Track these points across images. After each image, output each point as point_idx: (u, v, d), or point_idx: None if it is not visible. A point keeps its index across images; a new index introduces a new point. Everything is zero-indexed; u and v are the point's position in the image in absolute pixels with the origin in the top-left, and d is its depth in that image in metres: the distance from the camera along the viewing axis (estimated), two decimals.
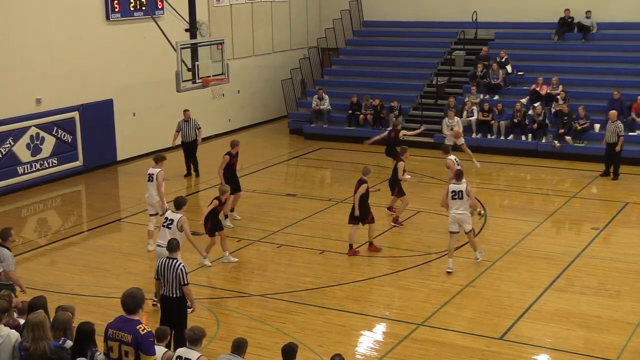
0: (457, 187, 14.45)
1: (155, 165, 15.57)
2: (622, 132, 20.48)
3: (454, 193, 14.43)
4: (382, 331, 12.48)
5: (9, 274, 11.51)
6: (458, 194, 14.41)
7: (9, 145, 19.85)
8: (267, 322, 12.47)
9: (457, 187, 14.45)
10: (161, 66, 22.62)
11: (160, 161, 15.61)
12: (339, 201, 18.97)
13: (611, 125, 20.57)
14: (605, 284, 13.92)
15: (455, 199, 14.42)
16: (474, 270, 14.51)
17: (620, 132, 20.42)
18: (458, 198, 14.40)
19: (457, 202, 14.41)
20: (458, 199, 14.40)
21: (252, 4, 27.59)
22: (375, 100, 25.37)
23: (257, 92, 28.24)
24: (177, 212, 12.83)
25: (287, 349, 8.71)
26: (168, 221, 12.79)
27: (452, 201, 14.45)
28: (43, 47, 20.54)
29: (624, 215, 17.94)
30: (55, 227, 17.76)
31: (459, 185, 14.46)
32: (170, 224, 12.73)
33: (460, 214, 14.42)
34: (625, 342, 11.63)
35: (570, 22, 26.72)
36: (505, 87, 25.40)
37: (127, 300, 7.85)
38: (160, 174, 15.41)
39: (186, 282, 10.72)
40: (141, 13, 22.70)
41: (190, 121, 21.24)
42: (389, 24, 29.71)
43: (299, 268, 14.86)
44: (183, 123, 21.26)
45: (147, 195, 15.63)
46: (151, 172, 15.50)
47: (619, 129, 20.45)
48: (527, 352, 11.47)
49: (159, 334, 8.88)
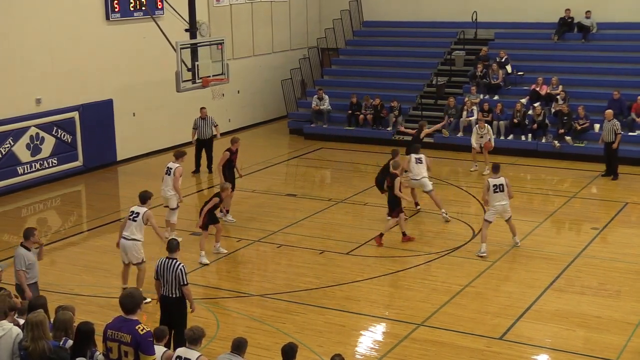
0: (497, 180, 15.08)
1: (175, 160, 16.14)
2: (619, 130, 20.49)
3: (495, 187, 15.04)
4: (382, 331, 12.48)
5: (16, 274, 11.52)
6: (499, 187, 15.04)
7: (8, 145, 19.85)
8: (267, 322, 12.47)
9: (497, 180, 15.08)
10: (161, 66, 22.62)
11: (181, 157, 16.25)
12: (338, 201, 18.97)
13: (608, 124, 20.58)
14: (605, 284, 13.92)
15: (497, 192, 15.04)
16: (474, 270, 14.50)
17: (617, 130, 20.44)
18: (500, 191, 15.03)
19: (498, 195, 15.05)
20: (500, 191, 15.02)
21: (252, 4, 27.59)
22: (376, 100, 25.37)
23: (257, 92, 28.24)
24: (142, 206, 13.16)
25: (287, 349, 8.70)
26: (134, 214, 13.12)
27: (493, 195, 15.06)
28: (43, 47, 20.54)
29: (624, 215, 17.94)
30: (55, 227, 17.76)
31: (498, 179, 15.08)
32: (136, 217, 13.05)
33: (503, 204, 15.11)
34: (625, 342, 11.63)
35: (570, 22, 26.72)
36: (505, 87, 25.40)
37: (126, 300, 7.85)
38: (179, 169, 15.99)
39: (186, 283, 10.73)
40: (141, 13, 22.71)
41: (207, 119, 21.49)
42: (388, 24, 29.71)
43: (299, 268, 14.86)
44: (200, 120, 21.43)
45: (162, 188, 16.12)
46: (170, 166, 16.04)
47: (616, 127, 20.47)
48: (527, 352, 11.47)
49: (158, 333, 8.89)
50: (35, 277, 11.69)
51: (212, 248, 15.49)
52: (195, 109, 22.10)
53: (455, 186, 20.29)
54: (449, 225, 17.07)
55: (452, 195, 19.50)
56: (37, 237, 11.73)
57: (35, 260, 11.70)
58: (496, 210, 15.16)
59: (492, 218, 15.26)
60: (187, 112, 23.50)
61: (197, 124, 21.47)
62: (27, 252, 11.56)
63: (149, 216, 13.03)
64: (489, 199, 15.16)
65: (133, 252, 13.04)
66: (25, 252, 11.54)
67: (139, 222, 13.02)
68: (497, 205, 15.10)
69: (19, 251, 11.56)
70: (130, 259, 13.12)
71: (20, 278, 11.43)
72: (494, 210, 15.20)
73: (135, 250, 13.03)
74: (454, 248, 15.66)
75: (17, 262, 11.51)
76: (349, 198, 19.20)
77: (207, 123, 21.46)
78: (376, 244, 15.74)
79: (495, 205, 15.12)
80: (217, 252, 15.47)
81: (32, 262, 11.58)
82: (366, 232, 16.63)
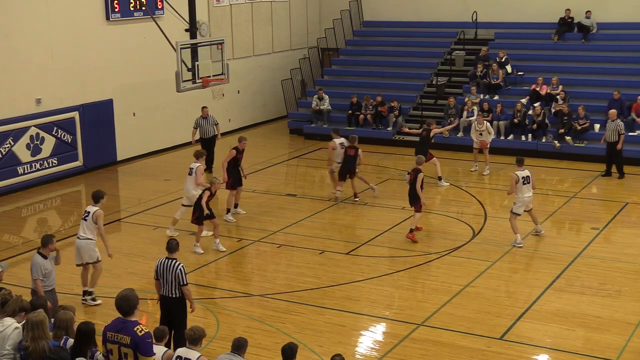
0: (523, 173, 15.46)
1: (196, 160, 16.54)
2: (622, 131, 20.50)
3: (524, 179, 15.39)
4: (382, 331, 12.48)
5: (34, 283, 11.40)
6: (526, 179, 15.46)
7: (9, 145, 19.85)
8: (267, 322, 12.47)
9: (523, 173, 15.46)
10: (161, 66, 22.62)
11: (201, 157, 16.69)
12: (339, 201, 18.96)
13: (611, 124, 20.58)
14: (606, 284, 13.91)
15: (525, 184, 15.44)
16: (474, 270, 14.50)
17: (621, 131, 20.45)
18: (527, 183, 15.48)
19: (525, 186, 15.43)
20: (527, 183, 15.47)
21: (252, 4, 27.59)
22: (377, 98, 25.34)
23: (257, 92, 28.24)
24: (94, 206, 13.25)
25: (287, 349, 8.70)
26: (85, 213, 13.24)
27: (522, 187, 15.40)
28: (43, 47, 20.54)
29: (624, 215, 17.93)
30: (55, 227, 17.74)
31: (524, 171, 15.47)
32: (87, 217, 13.14)
33: (529, 196, 15.54)
34: (626, 342, 11.63)
35: (570, 22, 26.71)
36: (505, 87, 25.39)
37: (121, 303, 7.84)
38: (200, 168, 16.41)
39: (185, 283, 10.73)
40: (141, 13, 22.70)
41: (209, 118, 21.55)
42: (389, 24, 29.71)
43: (299, 268, 14.86)
44: (201, 120, 21.50)
45: (185, 187, 16.64)
46: (192, 166, 16.48)
47: (620, 127, 20.47)
48: (527, 352, 11.46)
49: (158, 333, 8.89)
50: (52, 284, 11.56)
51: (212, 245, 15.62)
52: (196, 109, 22.11)
53: (455, 186, 20.27)
54: (449, 225, 17.08)
55: (452, 195, 19.51)
56: (55, 246, 11.55)
57: (53, 268, 11.54)
58: (524, 202, 15.55)
59: (520, 211, 15.61)
60: (188, 112, 23.51)
61: (198, 123, 21.50)
62: (43, 260, 11.41)
63: (98, 215, 13.05)
64: (516, 192, 15.47)
65: (87, 251, 13.05)
66: (41, 260, 11.39)
67: (88, 221, 13.06)
68: (525, 197, 15.49)
69: (35, 259, 11.42)
70: (84, 259, 13.09)
71: (38, 287, 11.30)
72: (521, 203, 15.55)
73: (89, 249, 13.06)
74: (454, 248, 15.66)
75: (34, 270, 11.36)
76: (349, 198, 19.18)
77: (209, 122, 21.50)
78: (412, 241, 15.84)
79: (523, 198, 15.49)
80: (216, 249, 15.59)
81: (49, 270, 11.43)
82: (366, 232, 16.64)
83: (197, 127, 21.54)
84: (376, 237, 16.10)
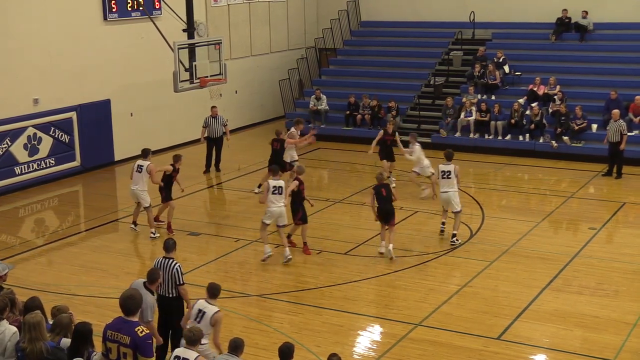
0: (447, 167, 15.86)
1: (144, 158, 16.50)
2: (625, 131, 20.51)
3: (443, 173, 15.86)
4: (379, 331, 12.48)
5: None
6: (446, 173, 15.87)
7: (6, 146, 19.83)
8: (264, 322, 12.47)
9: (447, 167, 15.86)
10: (159, 66, 22.60)
11: (147, 156, 16.57)
12: (336, 201, 18.97)
13: (614, 124, 20.60)
14: (603, 284, 13.92)
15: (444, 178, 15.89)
16: (471, 270, 14.51)
17: (623, 131, 20.46)
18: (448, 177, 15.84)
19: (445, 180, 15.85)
20: (447, 178, 15.83)
21: (250, 4, 27.58)
22: (373, 101, 25.35)
23: (254, 93, 28.23)
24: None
25: (284, 349, 8.69)
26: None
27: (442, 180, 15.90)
28: (41, 47, 20.52)
29: (622, 215, 17.95)
30: (53, 228, 17.73)
31: (448, 166, 15.87)
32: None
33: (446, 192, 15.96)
34: (623, 342, 11.64)
35: (567, 22, 26.73)
36: (503, 87, 25.40)
37: (127, 302, 7.84)
38: (151, 166, 16.36)
39: (182, 282, 10.73)
40: (138, 13, 22.68)
41: (218, 117, 21.54)
42: (386, 24, 29.71)
43: (297, 268, 14.85)
44: (211, 119, 21.53)
45: (136, 188, 16.56)
46: (141, 164, 16.39)
47: (622, 128, 20.49)
48: (525, 352, 11.47)
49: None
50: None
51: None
52: (194, 109, 22.15)
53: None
54: (449, 225, 17.06)
55: None
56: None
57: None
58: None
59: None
60: (185, 112, 23.50)
61: (207, 122, 21.53)
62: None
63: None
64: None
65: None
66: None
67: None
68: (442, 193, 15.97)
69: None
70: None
71: None
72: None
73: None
74: (451, 248, 15.66)
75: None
76: (346, 198, 19.19)
77: (218, 121, 21.52)
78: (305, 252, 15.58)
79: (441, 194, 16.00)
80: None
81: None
82: (364, 232, 16.63)
83: (206, 126, 21.57)
84: (374, 237, 16.07)
